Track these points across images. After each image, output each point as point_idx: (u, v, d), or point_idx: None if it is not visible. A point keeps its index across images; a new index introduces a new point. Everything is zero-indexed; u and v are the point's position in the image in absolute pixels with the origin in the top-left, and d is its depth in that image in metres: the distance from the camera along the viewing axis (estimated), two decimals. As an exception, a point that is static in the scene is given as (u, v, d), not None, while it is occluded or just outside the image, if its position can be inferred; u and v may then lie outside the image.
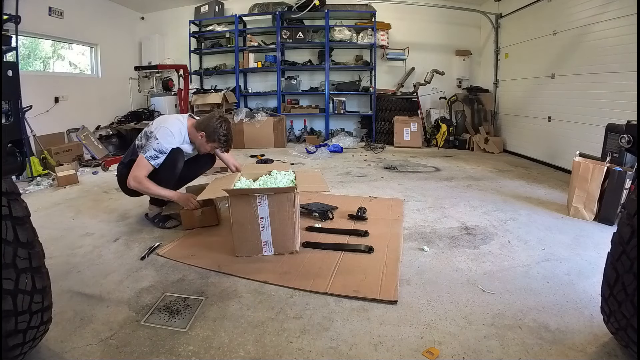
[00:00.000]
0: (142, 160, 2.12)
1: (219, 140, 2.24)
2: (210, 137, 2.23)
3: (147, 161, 2.11)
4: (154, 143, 2.12)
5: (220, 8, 6.31)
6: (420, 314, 1.43)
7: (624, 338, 1.15)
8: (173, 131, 2.19)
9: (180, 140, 2.22)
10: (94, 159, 4.64)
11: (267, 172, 2.21)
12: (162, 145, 2.13)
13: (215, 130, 2.21)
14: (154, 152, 2.12)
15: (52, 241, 2.14)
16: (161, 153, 2.13)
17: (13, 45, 3.66)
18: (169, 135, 2.16)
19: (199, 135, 2.23)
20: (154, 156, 2.12)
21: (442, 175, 3.84)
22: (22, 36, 4.05)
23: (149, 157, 2.11)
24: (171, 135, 2.17)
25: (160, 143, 2.13)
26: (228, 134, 2.27)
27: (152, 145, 2.12)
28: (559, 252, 2.01)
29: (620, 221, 1.15)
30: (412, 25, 6.27)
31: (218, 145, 2.27)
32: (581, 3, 3.84)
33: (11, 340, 1.01)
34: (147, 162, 2.11)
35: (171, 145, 2.17)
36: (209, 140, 2.24)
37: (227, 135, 2.27)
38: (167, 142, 2.15)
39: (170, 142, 2.17)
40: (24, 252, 1.02)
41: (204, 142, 2.25)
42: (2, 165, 1.02)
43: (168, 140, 2.15)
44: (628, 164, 2.52)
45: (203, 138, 2.23)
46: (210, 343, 1.27)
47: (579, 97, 3.93)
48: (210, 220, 2.32)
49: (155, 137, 2.14)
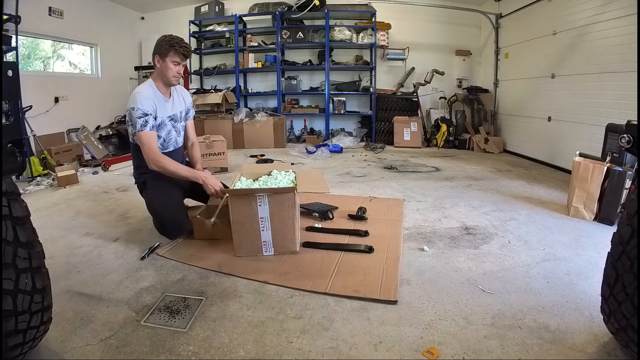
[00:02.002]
0: (141, 136, 1.98)
1: (171, 46, 2.02)
2: (162, 53, 2.03)
3: (144, 132, 1.98)
4: (134, 112, 1.97)
5: (220, 8, 6.31)
6: (420, 314, 1.43)
7: (624, 338, 1.15)
8: (141, 90, 2.04)
9: (151, 95, 2.05)
10: (94, 159, 4.64)
11: (268, 172, 2.19)
12: (141, 108, 1.98)
13: (162, 42, 2.04)
14: (142, 120, 1.97)
15: (52, 241, 2.15)
16: (146, 115, 1.99)
17: (13, 45, 3.66)
18: (139, 96, 2.00)
19: (155, 61, 2.07)
20: (143, 123, 1.98)
21: (442, 175, 3.84)
22: (22, 36, 4.05)
23: (141, 127, 1.97)
24: (140, 93, 2.01)
25: (138, 108, 1.97)
26: (176, 37, 2.06)
27: (134, 115, 1.97)
28: (559, 252, 2.01)
29: (620, 221, 1.15)
30: (412, 25, 6.27)
31: (174, 52, 2.03)
32: (581, 3, 3.84)
33: (11, 340, 1.01)
34: (145, 133, 1.98)
35: (147, 100, 2.01)
36: (163, 57, 2.04)
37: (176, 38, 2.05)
38: (142, 103, 1.99)
39: (144, 99, 2.00)
40: (24, 252, 1.02)
41: (163, 64, 2.05)
42: (2, 165, 1.02)
43: (141, 101, 1.99)
44: (628, 164, 2.52)
45: (159, 60, 2.06)
46: (210, 343, 1.27)
47: (579, 97, 3.93)
48: (222, 233, 2.05)
49: (132, 108, 1.99)
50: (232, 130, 5.62)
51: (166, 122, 2.16)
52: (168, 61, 2.05)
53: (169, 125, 2.18)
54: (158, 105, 2.09)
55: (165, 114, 2.15)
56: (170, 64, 2.06)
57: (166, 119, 2.16)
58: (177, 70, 2.09)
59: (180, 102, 2.28)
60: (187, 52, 2.08)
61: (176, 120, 2.24)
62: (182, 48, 2.05)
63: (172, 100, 2.20)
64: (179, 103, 2.27)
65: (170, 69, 2.07)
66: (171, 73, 2.08)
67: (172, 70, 2.07)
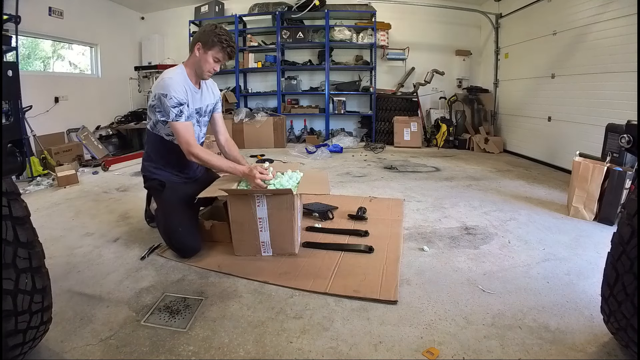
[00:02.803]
0: (176, 127, 1.86)
1: (219, 42, 1.88)
2: (207, 43, 1.89)
3: (180, 123, 1.86)
4: (167, 100, 1.84)
5: (220, 8, 6.31)
6: (420, 314, 1.43)
7: (624, 338, 1.15)
8: (172, 76, 1.91)
9: (183, 82, 1.94)
10: (94, 159, 4.64)
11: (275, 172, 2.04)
12: (175, 96, 1.85)
13: (211, 32, 1.88)
14: (176, 109, 1.85)
15: (52, 241, 2.14)
16: (180, 105, 1.87)
17: (13, 45, 3.66)
18: (172, 83, 1.88)
19: (196, 49, 1.92)
20: (178, 113, 1.86)
21: (442, 175, 3.84)
22: (22, 36, 4.05)
23: (176, 117, 1.86)
24: (172, 79, 1.89)
25: (172, 96, 1.85)
26: (227, 33, 1.91)
27: (168, 103, 1.84)
28: (559, 252, 2.01)
29: (620, 221, 1.15)
30: (412, 25, 6.27)
31: (220, 49, 1.90)
32: (581, 3, 3.84)
33: (11, 340, 1.01)
34: (181, 124, 1.86)
35: (181, 88, 1.89)
36: (206, 48, 1.90)
37: (226, 34, 1.90)
38: (176, 90, 1.87)
39: (178, 86, 1.88)
40: (24, 252, 1.02)
41: (204, 55, 1.92)
42: (2, 165, 1.02)
43: (175, 88, 1.87)
44: (628, 164, 2.52)
45: (200, 50, 1.92)
46: (210, 343, 1.27)
47: (579, 97, 3.93)
48: (220, 235, 2.05)
49: (163, 94, 1.85)
50: (232, 130, 5.61)
51: (193, 114, 2.03)
52: (210, 54, 1.92)
53: (194, 119, 2.05)
54: (189, 94, 1.97)
55: (193, 106, 2.02)
56: (210, 59, 1.93)
57: (193, 112, 2.03)
58: (214, 66, 1.96)
59: (209, 95, 2.15)
60: (232, 53, 1.96)
61: (201, 115, 2.11)
62: (229, 48, 1.92)
63: (201, 92, 2.07)
64: (208, 96, 2.14)
65: (209, 62, 1.94)
66: (208, 67, 1.95)
67: (210, 64, 1.94)
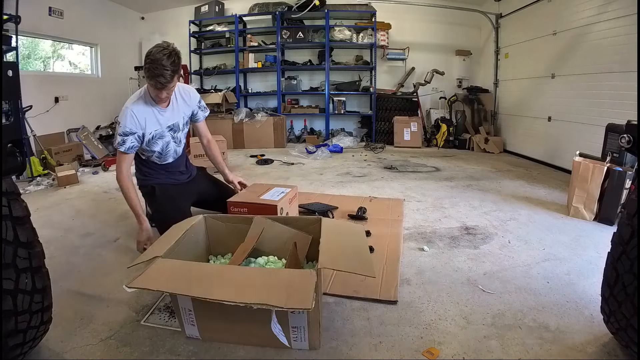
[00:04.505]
0: (117, 152, 1.91)
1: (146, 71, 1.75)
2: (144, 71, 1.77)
3: (119, 151, 1.89)
4: (118, 127, 1.89)
5: (220, 8, 6.31)
6: (420, 314, 1.43)
7: (624, 338, 1.15)
8: (129, 105, 1.88)
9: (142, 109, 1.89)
10: (94, 159, 4.64)
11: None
12: (124, 125, 1.86)
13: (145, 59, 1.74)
14: (120, 138, 1.87)
15: (52, 241, 2.14)
16: (125, 135, 1.86)
17: (13, 45, 3.67)
18: (127, 113, 1.87)
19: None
20: (121, 142, 1.87)
21: (442, 175, 3.84)
22: (22, 36, 4.04)
23: (118, 145, 1.88)
24: (128, 109, 1.87)
25: (122, 125, 1.86)
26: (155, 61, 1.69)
27: (117, 129, 1.89)
28: (559, 252, 2.01)
29: (620, 221, 1.15)
30: (412, 25, 6.27)
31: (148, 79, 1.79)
32: (581, 3, 3.84)
33: (11, 340, 1.01)
34: (120, 153, 1.89)
35: (133, 119, 1.86)
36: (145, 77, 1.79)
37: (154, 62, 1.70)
38: (127, 120, 1.86)
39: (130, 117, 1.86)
40: (24, 252, 1.02)
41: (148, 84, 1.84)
42: (2, 165, 1.02)
43: (127, 117, 1.86)
44: (628, 164, 2.51)
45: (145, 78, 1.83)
46: (210, 343, 1.27)
47: (579, 97, 3.93)
48: None
49: (118, 122, 1.91)
50: (232, 130, 5.63)
51: (165, 134, 2.02)
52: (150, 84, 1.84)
53: (168, 137, 2.05)
54: (149, 120, 1.93)
55: (162, 125, 2.00)
56: (151, 87, 1.85)
57: (165, 130, 2.02)
58: (158, 94, 1.86)
59: (183, 107, 2.10)
60: (159, 85, 1.78)
61: (176, 130, 2.09)
62: (153, 80, 1.76)
63: (171, 109, 2.03)
64: (180, 109, 2.08)
65: (152, 91, 1.88)
66: (154, 94, 1.89)
67: (154, 92, 1.87)
